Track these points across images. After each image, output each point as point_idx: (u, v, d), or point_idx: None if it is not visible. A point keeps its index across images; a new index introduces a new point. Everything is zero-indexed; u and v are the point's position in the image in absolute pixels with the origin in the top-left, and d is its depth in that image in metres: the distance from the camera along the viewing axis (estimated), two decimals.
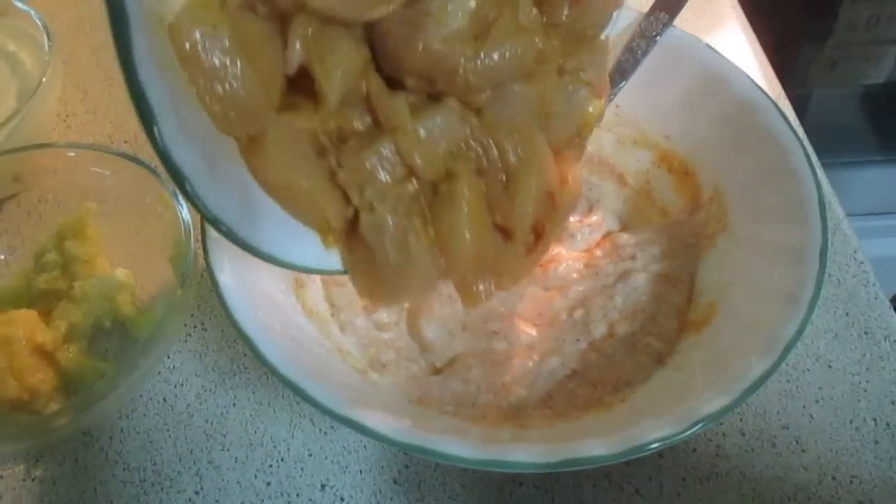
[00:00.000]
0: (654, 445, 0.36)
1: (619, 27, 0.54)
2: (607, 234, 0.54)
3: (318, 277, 0.49)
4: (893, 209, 1.06)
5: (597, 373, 0.45)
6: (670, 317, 0.47)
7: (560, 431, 0.41)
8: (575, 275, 0.51)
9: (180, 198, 0.47)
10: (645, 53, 0.52)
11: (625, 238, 0.52)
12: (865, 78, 1.02)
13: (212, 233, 0.43)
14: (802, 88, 1.02)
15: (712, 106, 0.51)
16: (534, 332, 0.48)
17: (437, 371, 0.48)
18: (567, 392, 0.45)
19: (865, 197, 1.05)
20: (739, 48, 0.68)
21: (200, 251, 0.43)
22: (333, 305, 0.49)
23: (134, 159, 0.50)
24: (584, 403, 0.44)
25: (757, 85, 0.49)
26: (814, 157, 0.56)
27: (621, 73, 0.53)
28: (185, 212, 0.47)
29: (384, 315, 0.49)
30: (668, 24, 0.52)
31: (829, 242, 0.53)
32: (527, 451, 0.36)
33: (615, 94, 0.53)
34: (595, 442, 0.36)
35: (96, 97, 0.64)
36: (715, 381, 0.39)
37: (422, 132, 0.34)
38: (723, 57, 0.51)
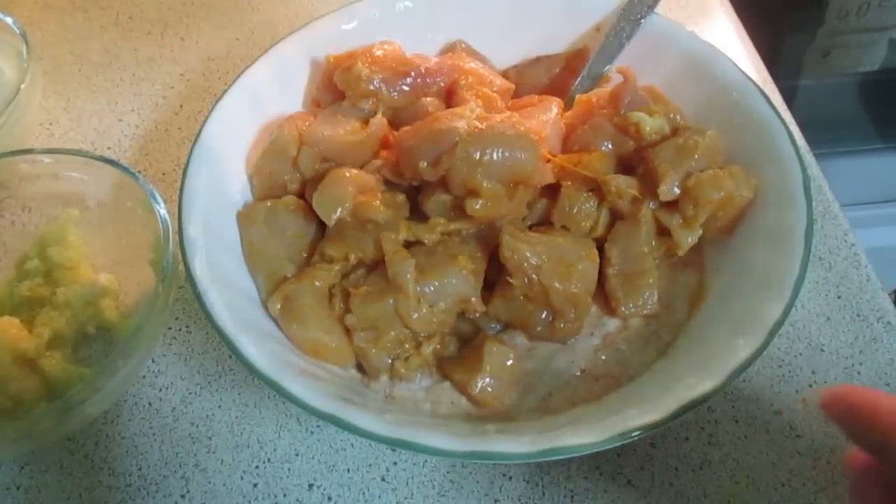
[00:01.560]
0: (639, 432, 0.35)
1: (604, 11, 0.54)
2: None
3: None
4: (890, 197, 1.05)
5: (603, 369, 0.44)
6: (683, 300, 0.46)
7: (546, 422, 0.40)
8: None
9: (159, 199, 0.47)
10: (629, 37, 0.52)
11: None
12: (858, 66, 1.01)
13: (189, 234, 0.43)
14: (796, 79, 1.01)
15: (695, 90, 0.50)
16: None
17: None
18: (569, 389, 0.44)
19: (862, 186, 1.04)
20: (725, 36, 0.67)
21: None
22: None
23: (113, 163, 0.49)
24: (582, 399, 0.43)
25: (740, 69, 0.49)
26: (801, 141, 0.56)
27: (607, 56, 0.53)
28: (163, 212, 0.46)
29: None
30: (652, 6, 0.52)
31: (818, 225, 0.53)
32: (512, 442, 0.36)
33: (601, 76, 0.53)
34: (580, 430, 0.36)
35: (79, 105, 0.63)
36: (701, 366, 0.38)
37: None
38: (705, 42, 0.51)
